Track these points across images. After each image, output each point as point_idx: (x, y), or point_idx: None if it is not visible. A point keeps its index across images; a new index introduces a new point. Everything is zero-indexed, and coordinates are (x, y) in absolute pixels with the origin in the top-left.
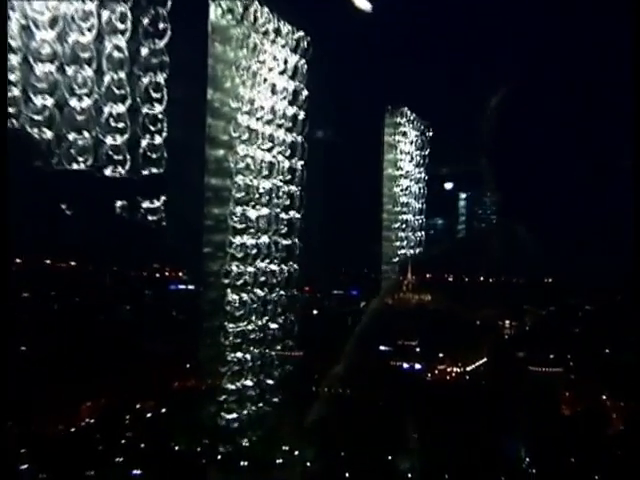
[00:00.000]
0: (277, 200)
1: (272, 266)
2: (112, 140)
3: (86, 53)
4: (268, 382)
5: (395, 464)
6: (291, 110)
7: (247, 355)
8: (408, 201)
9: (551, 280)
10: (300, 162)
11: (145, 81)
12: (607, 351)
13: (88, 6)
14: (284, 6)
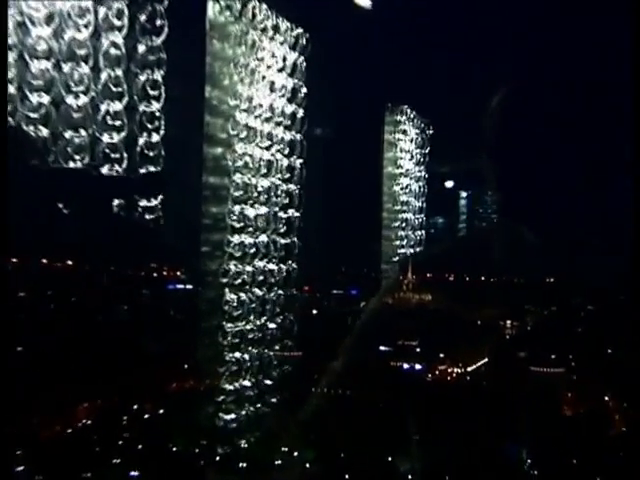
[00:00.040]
0: (276, 199)
1: (271, 265)
2: (109, 138)
3: (83, 50)
4: (267, 382)
5: (395, 465)
6: (290, 108)
7: (245, 355)
8: (408, 200)
9: (552, 280)
10: (299, 160)
11: (142, 78)
12: (609, 351)
13: (84, 2)
14: (283, 3)
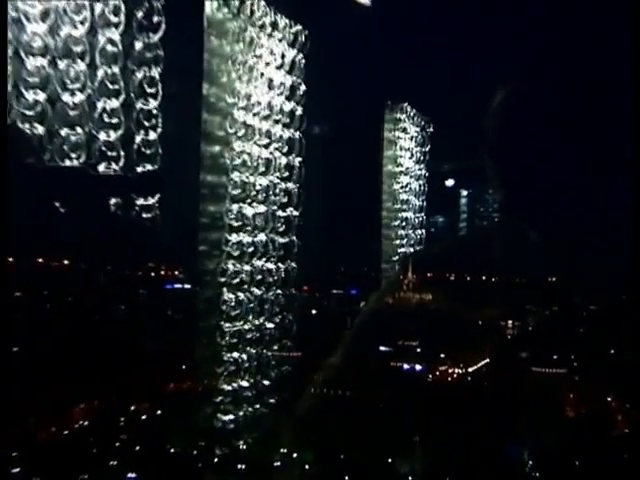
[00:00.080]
0: (274, 197)
1: (269, 264)
2: (105, 136)
3: (79, 47)
4: (265, 383)
5: (395, 467)
6: (288, 105)
7: (244, 355)
8: (408, 198)
9: (554, 279)
10: (298, 159)
11: (139, 76)
12: (612, 352)
13: None
14: None
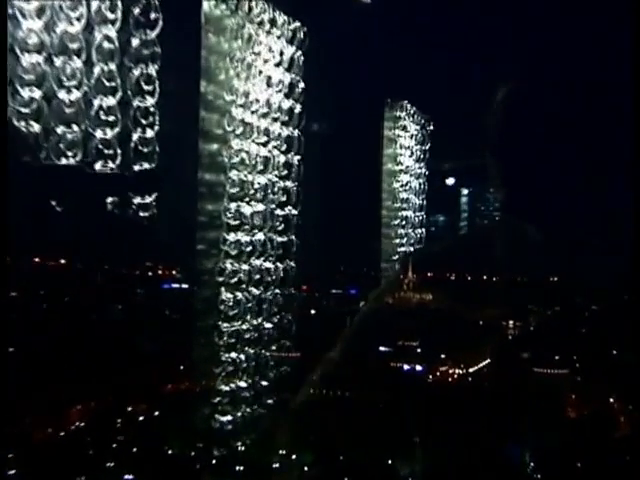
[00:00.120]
0: (273, 196)
1: (267, 264)
2: (102, 134)
3: (75, 43)
4: (263, 383)
5: (395, 469)
6: (287, 103)
7: (242, 356)
8: (408, 197)
9: (556, 279)
10: (296, 157)
11: (136, 73)
12: (615, 352)
13: None
14: None
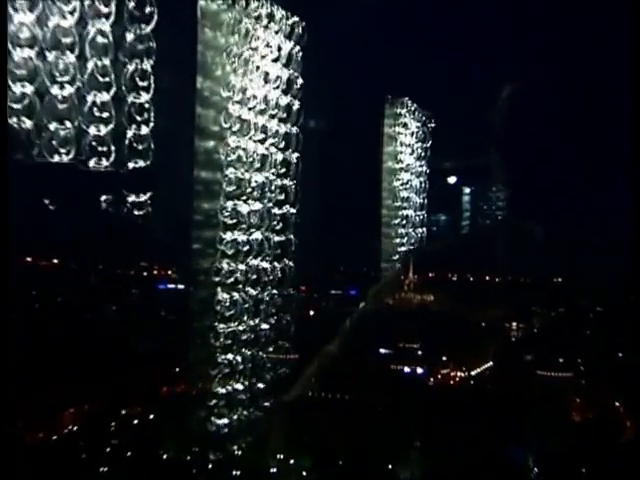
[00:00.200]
0: (270, 194)
1: (265, 264)
2: (96, 131)
3: (68, 38)
4: (260, 386)
5: (396, 474)
6: (285, 100)
7: (238, 357)
8: (409, 196)
9: (560, 280)
10: (294, 154)
11: (131, 68)
12: (620, 355)
13: None
14: None
